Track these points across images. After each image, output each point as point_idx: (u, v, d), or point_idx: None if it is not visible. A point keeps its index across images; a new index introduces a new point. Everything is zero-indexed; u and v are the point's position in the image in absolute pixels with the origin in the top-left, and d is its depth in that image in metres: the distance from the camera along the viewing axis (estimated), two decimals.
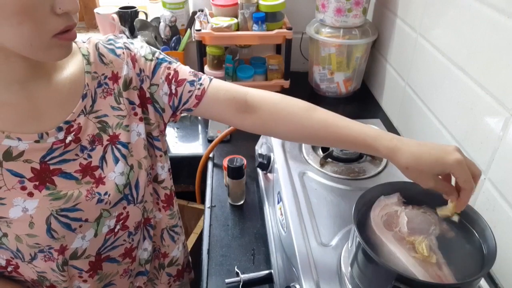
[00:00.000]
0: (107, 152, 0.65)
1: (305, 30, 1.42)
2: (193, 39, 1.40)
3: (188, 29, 1.51)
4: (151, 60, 0.69)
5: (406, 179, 0.83)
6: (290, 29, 1.34)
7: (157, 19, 1.54)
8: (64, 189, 0.61)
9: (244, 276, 0.77)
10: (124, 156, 0.66)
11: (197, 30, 1.32)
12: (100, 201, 0.63)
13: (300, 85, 1.53)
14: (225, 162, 0.98)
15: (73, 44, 0.62)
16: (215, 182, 1.07)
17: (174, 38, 1.50)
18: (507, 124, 0.74)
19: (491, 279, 0.78)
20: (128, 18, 1.55)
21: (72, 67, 0.63)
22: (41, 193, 0.59)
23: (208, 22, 1.37)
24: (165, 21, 1.48)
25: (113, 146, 0.65)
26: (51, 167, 0.60)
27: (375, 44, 1.43)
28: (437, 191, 0.61)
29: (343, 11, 1.28)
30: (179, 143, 1.23)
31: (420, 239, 0.60)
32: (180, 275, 0.90)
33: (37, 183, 0.59)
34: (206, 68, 1.44)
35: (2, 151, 0.56)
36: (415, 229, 0.62)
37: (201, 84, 0.70)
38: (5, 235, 0.59)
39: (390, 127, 1.28)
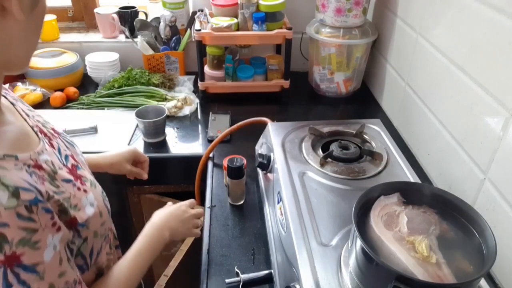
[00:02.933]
0: None
1: (305, 30, 1.43)
2: (193, 39, 1.40)
3: (188, 29, 1.51)
4: None
5: (406, 179, 0.83)
6: (290, 29, 1.34)
7: (157, 19, 1.54)
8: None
9: (244, 276, 0.77)
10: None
11: (197, 30, 1.32)
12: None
13: (300, 85, 1.53)
14: (225, 162, 0.98)
15: None
16: (215, 182, 1.07)
17: (174, 38, 1.51)
18: (507, 124, 0.74)
19: (491, 279, 0.78)
20: (128, 18, 1.55)
21: None
22: (89, 186, 0.64)
23: (208, 22, 1.37)
24: (165, 21, 1.48)
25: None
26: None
27: (375, 44, 1.43)
28: (134, 174, 0.97)
29: (343, 11, 1.28)
30: (179, 143, 1.23)
31: (420, 239, 0.60)
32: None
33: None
34: (206, 68, 1.44)
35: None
36: (415, 229, 0.62)
37: None
38: (85, 239, 0.59)
39: (390, 127, 1.28)
